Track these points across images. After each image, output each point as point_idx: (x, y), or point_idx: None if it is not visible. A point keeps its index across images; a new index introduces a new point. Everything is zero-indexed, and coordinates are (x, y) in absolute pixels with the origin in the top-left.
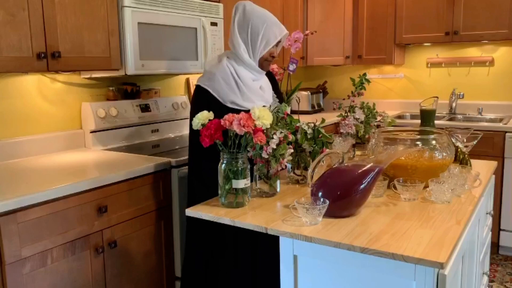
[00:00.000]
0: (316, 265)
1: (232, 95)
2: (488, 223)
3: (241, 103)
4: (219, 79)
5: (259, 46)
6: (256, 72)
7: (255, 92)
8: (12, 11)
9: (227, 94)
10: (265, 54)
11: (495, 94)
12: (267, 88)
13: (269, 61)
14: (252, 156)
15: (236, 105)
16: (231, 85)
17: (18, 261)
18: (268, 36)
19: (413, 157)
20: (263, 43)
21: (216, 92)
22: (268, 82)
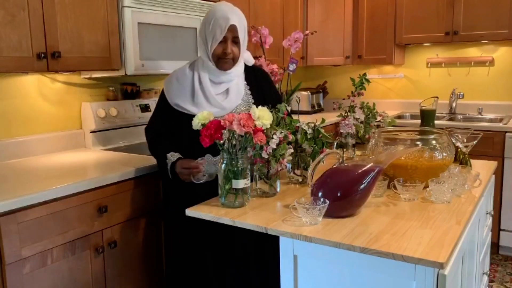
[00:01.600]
0: (316, 265)
1: (180, 97)
2: (488, 223)
3: (187, 107)
4: (173, 80)
5: (209, 43)
6: (215, 73)
7: (210, 98)
8: (12, 11)
9: (174, 96)
10: (217, 51)
11: (495, 94)
12: (235, 92)
13: (223, 59)
14: (252, 156)
15: (180, 107)
16: (183, 86)
17: (18, 261)
18: (214, 31)
19: (413, 157)
20: (210, 39)
21: (167, 91)
22: (242, 85)
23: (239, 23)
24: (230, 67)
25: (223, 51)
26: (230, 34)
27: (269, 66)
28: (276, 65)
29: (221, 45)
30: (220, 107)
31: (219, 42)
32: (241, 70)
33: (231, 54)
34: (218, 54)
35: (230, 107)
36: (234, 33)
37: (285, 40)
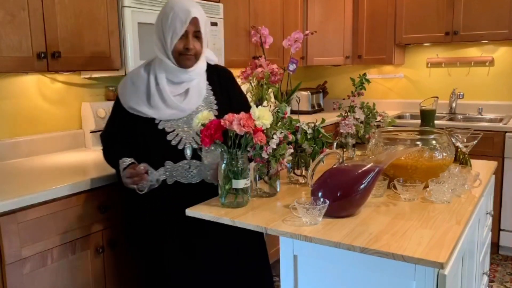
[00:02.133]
0: (316, 265)
1: (134, 100)
2: (488, 223)
3: (142, 109)
4: (127, 82)
5: (168, 39)
6: (174, 71)
7: (167, 100)
8: (12, 11)
9: (129, 98)
10: (178, 47)
11: (495, 94)
12: (195, 92)
13: (185, 55)
14: (252, 156)
15: (135, 110)
16: (138, 88)
17: (18, 261)
18: (174, 25)
19: (413, 157)
20: (170, 34)
21: (121, 95)
22: (204, 84)
23: (201, 16)
24: (192, 64)
25: (185, 46)
26: (191, 27)
27: (269, 66)
28: (276, 65)
29: (182, 40)
30: (178, 108)
31: (180, 37)
32: (203, 69)
33: (193, 50)
34: (179, 50)
35: (189, 108)
36: (196, 26)
37: (285, 40)
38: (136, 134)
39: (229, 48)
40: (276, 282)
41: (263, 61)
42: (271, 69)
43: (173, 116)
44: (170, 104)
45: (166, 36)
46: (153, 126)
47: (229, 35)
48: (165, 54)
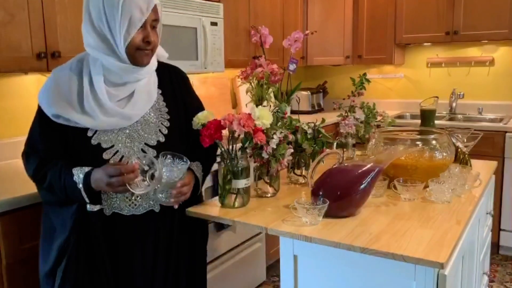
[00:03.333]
0: (316, 265)
1: (61, 106)
2: (488, 223)
3: (71, 116)
4: (50, 86)
5: (121, 31)
6: (121, 71)
7: (105, 105)
8: (12, 11)
9: (53, 104)
10: (135, 40)
11: (495, 94)
12: (143, 96)
13: (144, 50)
14: (252, 156)
15: (62, 119)
16: (66, 92)
17: (18, 261)
18: (131, 13)
19: (413, 157)
20: (125, 24)
21: (41, 100)
22: (152, 86)
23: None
24: (149, 61)
25: (145, 39)
26: (151, 15)
27: (269, 66)
28: (276, 65)
29: (139, 32)
30: (120, 115)
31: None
32: (154, 67)
33: (154, 43)
34: (136, 44)
35: (135, 114)
36: (155, 14)
37: (285, 40)
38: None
39: (229, 48)
40: (276, 282)
41: (263, 61)
42: (271, 69)
43: (113, 126)
44: (108, 110)
45: (115, 27)
46: (85, 139)
47: (229, 35)
48: (109, 51)
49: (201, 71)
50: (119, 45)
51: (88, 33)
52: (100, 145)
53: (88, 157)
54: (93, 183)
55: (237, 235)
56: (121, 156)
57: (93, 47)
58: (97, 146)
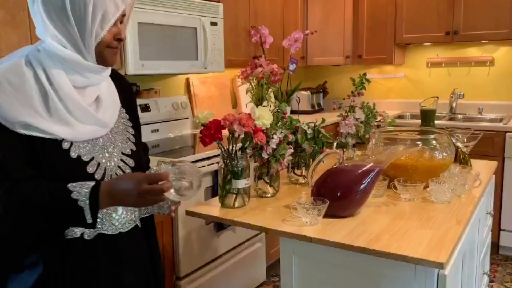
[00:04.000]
0: (316, 265)
1: (27, 112)
2: (488, 223)
3: (45, 127)
4: (4, 85)
5: (91, 25)
6: (90, 71)
7: (78, 109)
8: (12, 11)
9: (16, 110)
10: (105, 36)
11: (495, 94)
12: (109, 100)
13: (114, 47)
14: (252, 156)
15: (35, 129)
16: (26, 94)
17: None
18: (105, 7)
19: (413, 157)
20: (97, 18)
21: None
22: (113, 90)
23: None
24: (116, 60)
25: (117, 36)
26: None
27: (269, 66)
28: (276, 65)
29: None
30: (97, 122)
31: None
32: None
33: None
34: (108, 41)
35: (110, 122)
36: (128, 8)
37: (285, 40)
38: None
39: (229, 48)
40: (276, 282)
41: (263, 61)
42: (271, 69)
43: (92, 135)
44: (84, 116)
45: (85, 21)
46: (62, 153)
47: (229, 35)
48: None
49: (201, 71)
50: (87, 41)
51: (52, 22)
52: (80, 158)
53: (69, 173)
54: (105, 198)
55: (237, 235)
56: (104, 169)
57: (58, 39)
58: (77, 159)
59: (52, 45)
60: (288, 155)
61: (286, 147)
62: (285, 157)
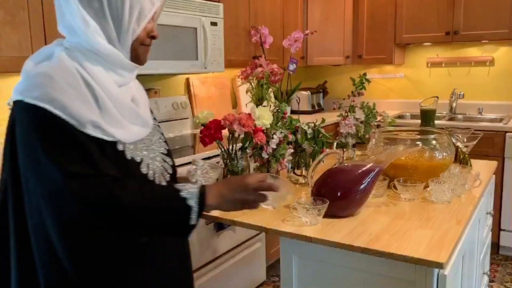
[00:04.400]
0: (316, 265)
1: (91, 113)
2: (488, 223)
3: (106, 128)
4: (63, 85)
5: (128, 21)
6: (125, 69)
7: (125, 108)
8: (12, 11)
9: (82, 110)
10: (141, 33)
11: (495, 94)
12: (141, 101)
13: (148, 45)
14: (252, 156)
15: (100, 130)
16: (83, 94)
17: None
18: (141, 1)
19: (413, 157)
20: (134, 14)
21: (62, 109)
22: (142, 89)
23: None
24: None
25: (151, 33)
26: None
27: (269, 66)
28: (276, 65)
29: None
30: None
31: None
32: None
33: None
34: (142, 38)
35: (150, 122)
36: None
37: (285, 40)
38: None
39: (229, 48)
40: (276, 282)
41: (263, 61)
42: (271, 69)
43: (138, 136)
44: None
45: (123, 16)
46: (119, 154)
47: (229, 35)
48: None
49: (201, 71)
50: (123, 37)
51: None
52: (134, 159)
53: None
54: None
55: (237, 235)
56: (153, 170)
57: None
58: (132, 161)
59: (97, 41)
60: (288, 155)
61: (286, 147)
62: (285, 157)
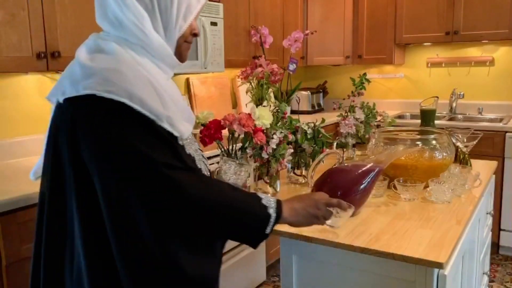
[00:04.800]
0: (316, 265)
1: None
2: (488, 223)
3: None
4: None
5: (176, 17)
6: (169, 65)
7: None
8: (12, 11)
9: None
10: (187, 31)
11: (495, 94)
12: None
13: (190, 43)
14: (252, 156)
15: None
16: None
17: (18, 261)
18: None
19: (413, 157)
20: (182, 10)
21: (140, 104)
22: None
23: None
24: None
25: (192, 31)
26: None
27: (269, 66)
28: (276, 65)
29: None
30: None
31: None
32: None
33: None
34: (186, 35)
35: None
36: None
37: (285, 40)
38: None
39: (229, 48)
40: (276, 282)
41: (263, 61)
42: (271, 69)
43: (190, 132)
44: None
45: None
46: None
47: (229, 35)
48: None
49: (201, 71)
50: (170, 33)
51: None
52: (191, 155)
53: None
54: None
55: None
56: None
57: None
58: (191, 156)
59: (151, 33)
60: (288, 155)
61: (286, 147)
62: (285, 157)
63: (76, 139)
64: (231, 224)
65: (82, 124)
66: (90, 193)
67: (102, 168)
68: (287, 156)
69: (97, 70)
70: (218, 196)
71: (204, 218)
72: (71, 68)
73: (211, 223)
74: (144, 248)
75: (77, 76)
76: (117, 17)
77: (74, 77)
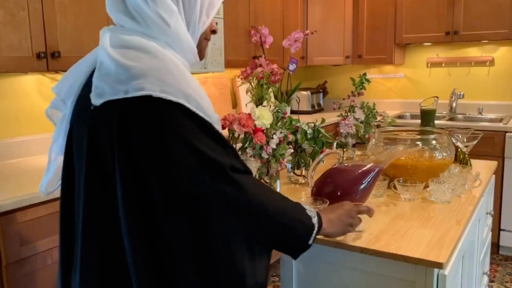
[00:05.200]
0: (316, 265)
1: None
2: (488, 223)
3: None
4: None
5: (199, 12)
6: (190, 61)
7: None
8: (12, 11)
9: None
10: (207, 29)
11: (495, 94)
12: None
13: (209, 40)
14: (252, 156)
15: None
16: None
17: (18, 261)
18: None
19: (413, 157)
20: (204, 6)
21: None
22: None
23: None
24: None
25: (212, 29)
26: None
27: (269, 66)
28: (276, 65)
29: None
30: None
31: None
32: None
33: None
34: (207, 32)
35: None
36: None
37: (285, 40)
38: None
39: (229, 48)
40: (276, 282)
41: (263, 61)
42: (271, 69)
43: None
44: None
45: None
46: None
47: (229, 35)
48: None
49: (201, 71)
50: (193, 28)
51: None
52: None
53: None
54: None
55: None
56: None
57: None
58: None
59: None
60: (288, 155)
61: (286, 147)
62: (285, 157)
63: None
64: (283, 230)
65: (138, 127)
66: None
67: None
68: (287, 156)
69: (145, 69)
70: (273, 200)
71: (262, 222)
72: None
73: (267, 227)
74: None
75: (120, 76)
76: (140, 12)
77: (114, 77)
